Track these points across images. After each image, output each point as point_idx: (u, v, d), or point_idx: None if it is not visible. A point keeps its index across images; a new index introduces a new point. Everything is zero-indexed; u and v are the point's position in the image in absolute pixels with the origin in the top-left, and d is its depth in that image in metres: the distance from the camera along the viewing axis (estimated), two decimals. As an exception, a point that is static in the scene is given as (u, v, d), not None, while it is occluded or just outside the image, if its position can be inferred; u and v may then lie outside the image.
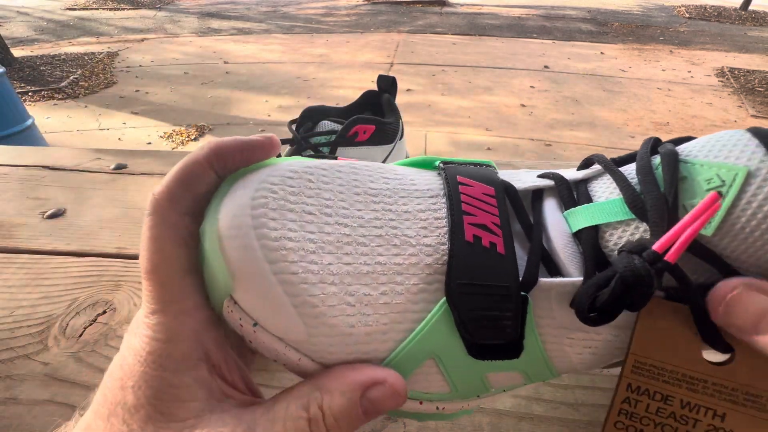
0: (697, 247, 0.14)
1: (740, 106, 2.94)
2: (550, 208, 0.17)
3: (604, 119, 2.71)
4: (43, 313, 0.33)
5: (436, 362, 0.16)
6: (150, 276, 0.14)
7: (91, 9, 6.03)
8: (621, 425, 0.17)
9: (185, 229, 0.14)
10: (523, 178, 0.18)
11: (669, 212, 0.14)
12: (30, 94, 3.02)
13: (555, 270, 0.16)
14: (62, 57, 3.77)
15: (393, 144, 0.42)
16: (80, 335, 0.31)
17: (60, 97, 3.00)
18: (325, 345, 0.14)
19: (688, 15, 6.00)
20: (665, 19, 5.74)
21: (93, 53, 3.90)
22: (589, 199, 0.17)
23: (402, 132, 0.44)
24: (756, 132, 0.14)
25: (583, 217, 0.16)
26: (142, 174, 0.55)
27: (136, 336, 0.14)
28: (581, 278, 0.15)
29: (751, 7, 6.31)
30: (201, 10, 6.04)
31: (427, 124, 2.59)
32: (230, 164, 0.15)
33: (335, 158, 0.35)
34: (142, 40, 4.51)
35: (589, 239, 0.16)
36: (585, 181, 0.18)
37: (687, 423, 0.16)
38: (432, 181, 0.18)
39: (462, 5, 6.42)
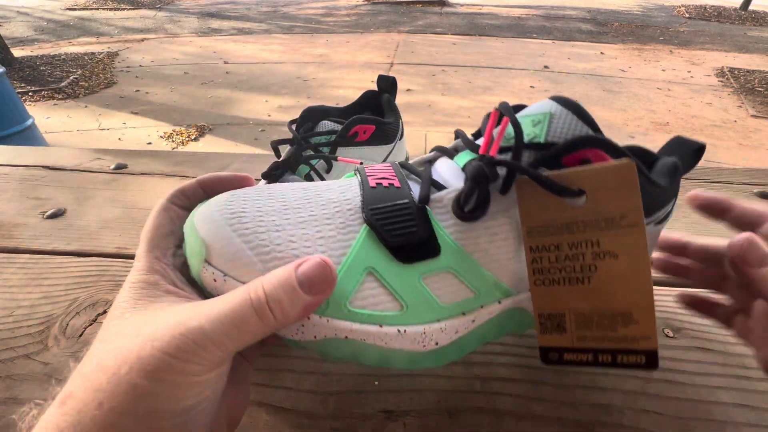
0: (539, 146, 0.21)
1: (740, 106, 2.94)
2: (441, 161, 0.24)
3: (604, 119, 2.71)
4: (43, 313, 0.33)
5: (374, 275, 0.20)
6: (144, 236, 0.20)
7: (91, 9, 6.04)
8: (539, 282, 0.21)
9: (174, 213, 0.22)
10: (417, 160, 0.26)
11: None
12: (30, 94, 3.02)
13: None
14: (62, 57, 3.77)
15: (393, 144, 0.42)
16: (80, 335, 0.31)
17: (60, 97, 3.00)
18: None
19: (687, 15, 6.00)
20: (665, 19, 5.74)
21: (93, 53, 3.90)
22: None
23: (402, 132, 0.44)
24: (554, 97, 0.22)
25: (463, 158, 0.23)
26: (142, 174, 0.55)
27: (128, 279, 0.19)
28: (460, 186, 0.21)
29: (751, 7, 6.31)
30: (201, 10, 6.04)
31: (427, 124, 2.59)
32: (215, 189, 0.23)
33: (335, 158, 0.35)
34: (142, 40, 4.51)
35: (469, 167, 0.21)
36: (460, 148, 0.25)
37: (578, 258, 0.21)
38: (351, 176, 0.25)
39: (462, 5, 6.42)
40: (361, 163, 0.35)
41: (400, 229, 0.20)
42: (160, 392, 0.15)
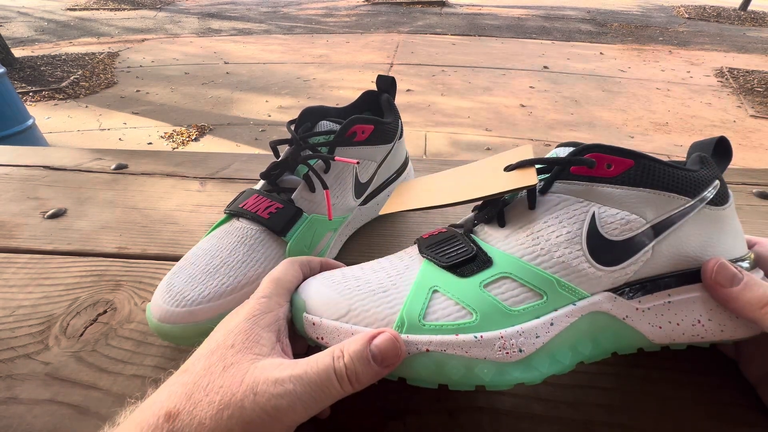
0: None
1: (739, 106, 2.94)
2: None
3: (604, 119, 2.71)
4: (43, 313, 0.33)
5: (439, 291, 0.23)
6: (272, 279, 0.25)
7: (92, 9, 6.04)
8: None
9: (298, 273, 0.26)
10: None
11: None
12: (31, 94, 3.02)
13: None
14: (63, 57, 3.77)
15: (392, 144, 0.42)
16: (81, 335, 0.31)
17: (61, 97, 3.00)
18: (361, 308, 0.23)
19: (687, 15, 6.00)
20: (664, 20, 5.74)
21: (93, 53, 3.90)
22: None
23: (401, 132, 0.44)
24: (560, 144, 0.26)
25: None
26: (142, 174, 0.55)
27: (244, 308, 0.23)
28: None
29: (750, 8, 6.31)
30: (201, 10, 6.04)
31: (426, 125, 2.59)
32: (311, 269, 0.27)
33: (333, 158, 0.35)
34: (143, 40, 4.51)
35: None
36: None
37: None
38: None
39: (462, 6, 6.42)
40: (358, 163, 0.35)
41: (452, 251, 0.24)
42: None
